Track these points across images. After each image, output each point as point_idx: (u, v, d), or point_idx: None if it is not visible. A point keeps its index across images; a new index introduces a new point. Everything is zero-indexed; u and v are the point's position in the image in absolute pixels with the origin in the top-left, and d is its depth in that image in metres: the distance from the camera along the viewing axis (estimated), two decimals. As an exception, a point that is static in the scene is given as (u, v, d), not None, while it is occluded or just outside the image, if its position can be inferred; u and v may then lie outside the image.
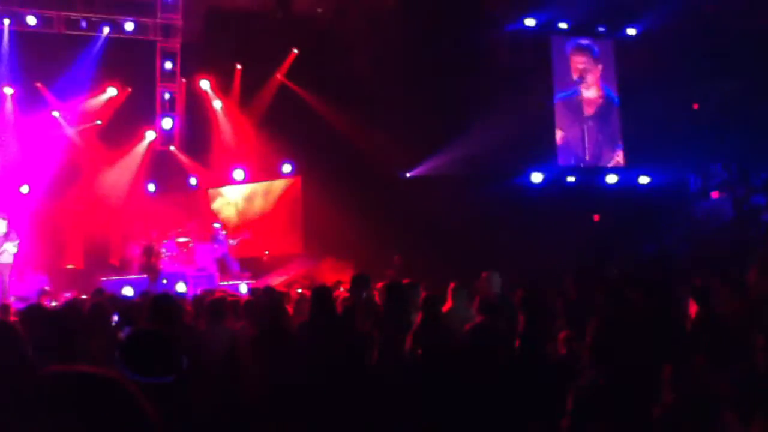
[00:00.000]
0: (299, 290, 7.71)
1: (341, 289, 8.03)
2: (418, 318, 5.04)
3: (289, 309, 6.49)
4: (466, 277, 6.44)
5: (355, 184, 13.05)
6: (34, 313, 4.74)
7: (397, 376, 4.57)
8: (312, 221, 14.05)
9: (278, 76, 15.28)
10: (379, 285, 6.28)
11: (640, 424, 3.11)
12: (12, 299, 8.33)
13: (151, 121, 15.54)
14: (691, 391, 2.90)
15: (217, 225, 13.90)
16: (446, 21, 13.62)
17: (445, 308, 5.55)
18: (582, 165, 15.35)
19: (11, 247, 11.67)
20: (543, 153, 14.85)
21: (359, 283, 5.94)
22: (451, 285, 5.91)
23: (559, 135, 15.26)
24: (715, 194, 14.08)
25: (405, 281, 6.03)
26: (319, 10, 14.79)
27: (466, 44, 13.53)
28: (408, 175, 14.49)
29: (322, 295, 4.83)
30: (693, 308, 4.71)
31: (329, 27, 14.37)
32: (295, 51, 15.08)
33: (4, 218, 12.29)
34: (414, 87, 13.12)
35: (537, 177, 14.54)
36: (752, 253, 8.22)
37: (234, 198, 15.82)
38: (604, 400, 3.21)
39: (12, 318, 6.27)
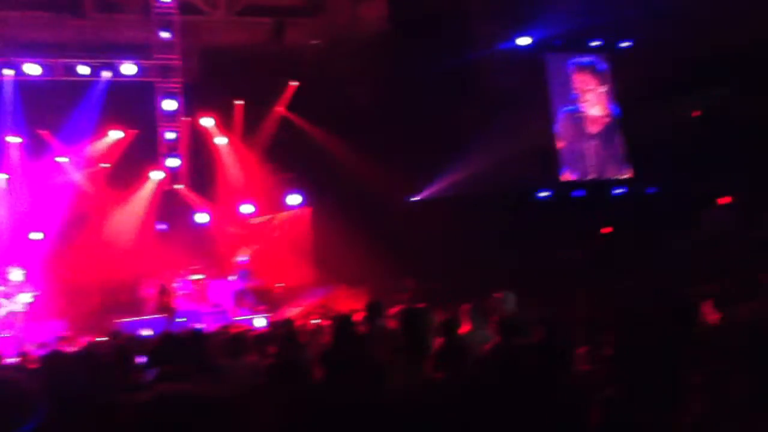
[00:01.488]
0: (315, 321, 7.74)
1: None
2: (435, 342, 5.05)
3: (307, 340, 6.52)
4: (477, 297, 6.45)
5: (362, 211, 13.14)
6: (54, 359, 4.79)
7: (418, 402, 4.56)
8: (323, 250, 14.13)
9: (279, 108, 15.46)
10: (393, 311, 6.30)
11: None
12: (32, 346, 8.38)
13: (157, 162, 15.69)
14: (721, 399, 2.91)
15: (242, 258, 14.02)
16: (436, 43, 13.78)
17: (461, 331, 5.56)
18: (587, 179, 15.39)
19: (26, 298, 11.90)
20: (546, 169, 14.92)
21: (374, 310, 5.96)
22: (465, 307, 5.91)
23: (561, 151, 15.33)
24: (721, 201, 14.09)
25: (420, 305, 6.04)
26: (313, 41, 15.00)
27: (458, 65, 13.69)
28: (413, 199, 14.57)
29: (343, 324, 4.85)
30: (712, 315, 4.72)
31: (324, 58, 14.57)
32: (293, 83, 15.27)
33: (21, 268, 12.46)
34: (411, 111, 13.26)
35: (542, 193, 14.61)
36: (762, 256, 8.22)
37: (246, 232, 15.91)
38: (628, 413, 3.22)
39: (32, 365, 6.32)
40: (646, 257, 12.74)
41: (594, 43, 15.79)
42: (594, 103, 15.65)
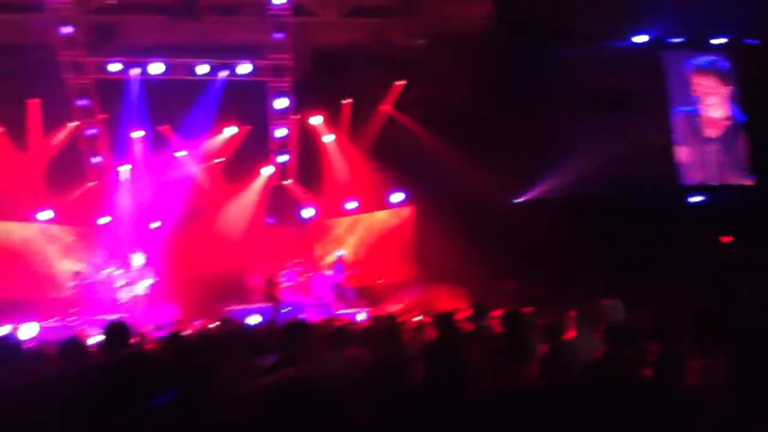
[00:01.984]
0: (416, 318, 7.80)
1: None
2: (539, 346, 4.97)
3: (407, 337, 6.58)
4: (583, 303, 6.28)
5: (465, 210, 13.07)
6: (173, 340, 5.11)
7: (521, 406, 4.51)
8: (425, 249, 14.20)
9: (385, 107, 15.67)
10: (496, 313, 6.25)
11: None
12: (151, 328, 8.96)
13: (267, 157, 16.32)
14: None
15: (339, 253, 14.38)
16: (544, 42, 13.47)
17: (566, 337, 5.44)
18: (706, 184, 14.55)
19: (147, 282, 12.86)
20: (661, 173, 14.26)
21: (479, 311, 5.95)
22: (572, 313, 5.78)
23: (677, 154, 14.61)
24: None
25: (524, 309, 5.96)
26: (417, 41, 15.08)
27: (567, 64, 13.31)
28: (517, 200, 14.35)
29: (447, 322, 4.87)
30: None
31: (427, 57, 14.60)
32: (399, 82, 15.43)
33: (142, 253, 13.42)
34: (517, 110, 13.03)
35: (654, 197, 13.97)
36: None
37: (349, 228, 16.27)
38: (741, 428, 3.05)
39: (149, 345, 6.75)
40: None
41: (716, 41, 14.91)
42: (714, 104, 14.78)
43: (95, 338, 7.03)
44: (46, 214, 14.89)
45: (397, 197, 15.62)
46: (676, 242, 12.34)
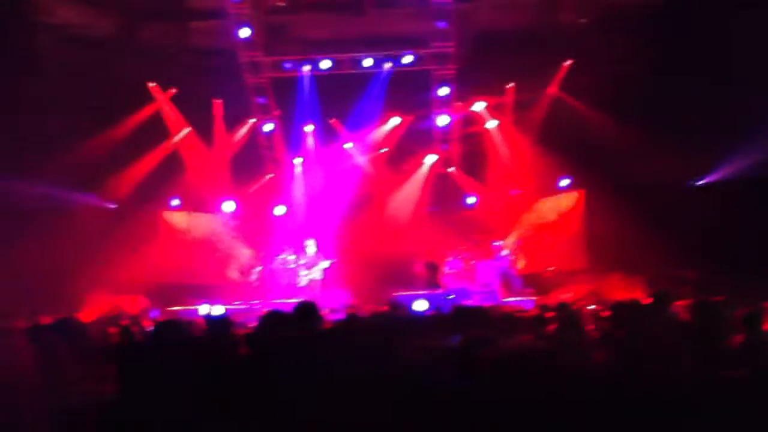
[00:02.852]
0: (590, 307, 7.52)
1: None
2: (733, 338, 4.61)
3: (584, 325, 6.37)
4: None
5: (639, 195, 12.40)
6: (351, 322, 5.35)
7: (718, 399, 4.20)
8: (596, 235, 13.62)
9: (551, 89, 15.19)
10: (681, 302, 5.88)
11: None
12: (326, 311, 9.42)
13: (431, 146, 16.49)
14: None
15: (506, 241, 14.26)
16: (724, 10, 12.24)
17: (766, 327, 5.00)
18: None
19: (322, 267, 13.59)
20: None
21: (661, 299, 5.61)
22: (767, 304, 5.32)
23: None
24: None
25: (716, 298, 5.55)
26: (583, 20, 14.43)
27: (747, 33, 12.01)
28: (696, 183, 13.36)
29: (629, 310, 4.65)
30: None
31: (596, 35, 13.94)
32: (566, 63, 14.88)
33: (314, 241, 14.17)
34: (695, 88, 12.03)
35: None
36: None
37: (515, 215, 16.04)
38: None
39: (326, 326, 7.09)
40: None
41: None
42: None
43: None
44: (230, 206, 16.15)
45: (565, 182, 15.13)
46: None
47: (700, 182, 13.36)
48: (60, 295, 11.38)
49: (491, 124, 16.00)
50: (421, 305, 10.49)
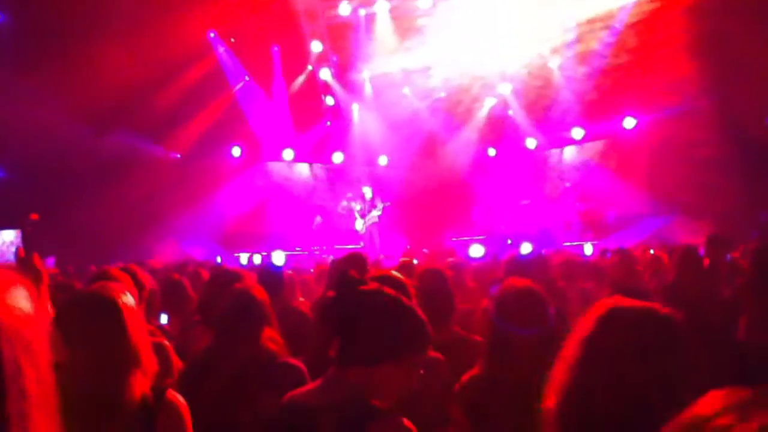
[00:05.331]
0: (651, 251, 7.32)
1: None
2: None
3: (642, 271, 6.24)
4: None
5: (708, 132, 11.75)
6: (406, 268, 5.38)
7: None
8: (660, 177, 13.00)
9: (615, 26, 14.44)
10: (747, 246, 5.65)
11: None
12: (381, 257, 9.52)
13: (488, 89, 16.09)
14: None
15: (564, 184, 14.00)
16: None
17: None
18: None
19: (376, 212, 13.63)
20: None
21: (717, 245, 5.40)
22: None
23: None
24: None
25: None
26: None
27: None
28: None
29: (689, 256, 4.51)
30: None
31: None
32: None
33: (370, 187, 14.21)
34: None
35: None
36: None
37: (575, 158, 15.67)
38: None
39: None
40: None
41: None
42: None
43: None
44: (289, 154, 16.31)
45: (630, 122, 14.49)
46: None
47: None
48: (130, 244, 11.86)
49: (553, 62, 15.37)
50: (477, 250, 10.52)
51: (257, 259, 11.98)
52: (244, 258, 12.68)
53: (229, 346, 2.88)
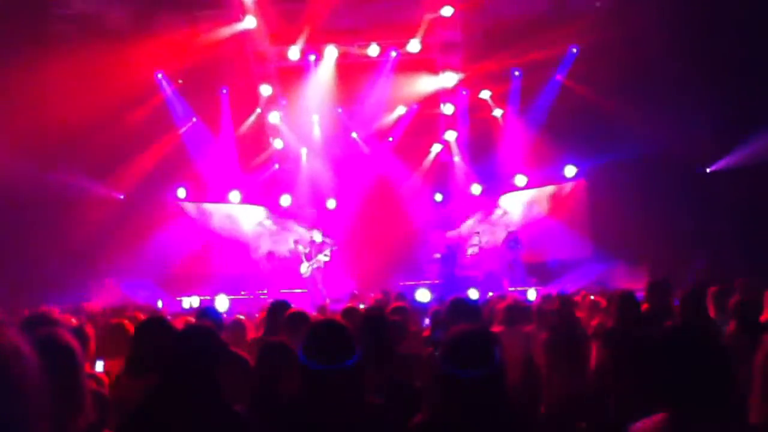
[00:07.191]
0: (591, 297, 7.48)
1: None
2: (729, 326, 4.59)
3: (582, 315, 6.38)
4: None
5: (646, 182, 12.24)
6: (350, 313, 5.35)
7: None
8: (600, 224, 13.48)
9: (558, 77, 15.07)
10: (680, 292, 5.82)
11: None
12: (327, 301, 9.45)
13: (437, 135, 16.43)
14: None
15: (510, 230, 14.26)
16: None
17: (763, 317, 4.96)
18: None
19: (323, 257, 13.59)
20: None
21: (658, 290, 5.55)
22: (768, 293, 5.24)
23: None
24: None
25: (712, 288, 5.50)
26: (597, 3, 14.18)
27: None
28: (708, 169, 13.20)
29: (627, 302, 4.63)
30: None
31: (609, 19, 13.65)
32: (575, 50, 14.73)
33: (320, 231, 14.17)
34: (711, 71, 11.83)
35: None
36: None
37: (520, 204, 16.01)
38: None
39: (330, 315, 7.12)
40: None
41: None
42: None
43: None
44: (236, 196, 16.17)
45: (571, 171, 15.01)
46: None
47: (712, 168, 13.17)
48: (68, 285, 11.48)
49: (497, 112, 15.92)
50: (423, 295, 10.52)
51: (196, 302, 11.73)
52: (186, 302, 12.38)
53: (174, 396, 2.77)
